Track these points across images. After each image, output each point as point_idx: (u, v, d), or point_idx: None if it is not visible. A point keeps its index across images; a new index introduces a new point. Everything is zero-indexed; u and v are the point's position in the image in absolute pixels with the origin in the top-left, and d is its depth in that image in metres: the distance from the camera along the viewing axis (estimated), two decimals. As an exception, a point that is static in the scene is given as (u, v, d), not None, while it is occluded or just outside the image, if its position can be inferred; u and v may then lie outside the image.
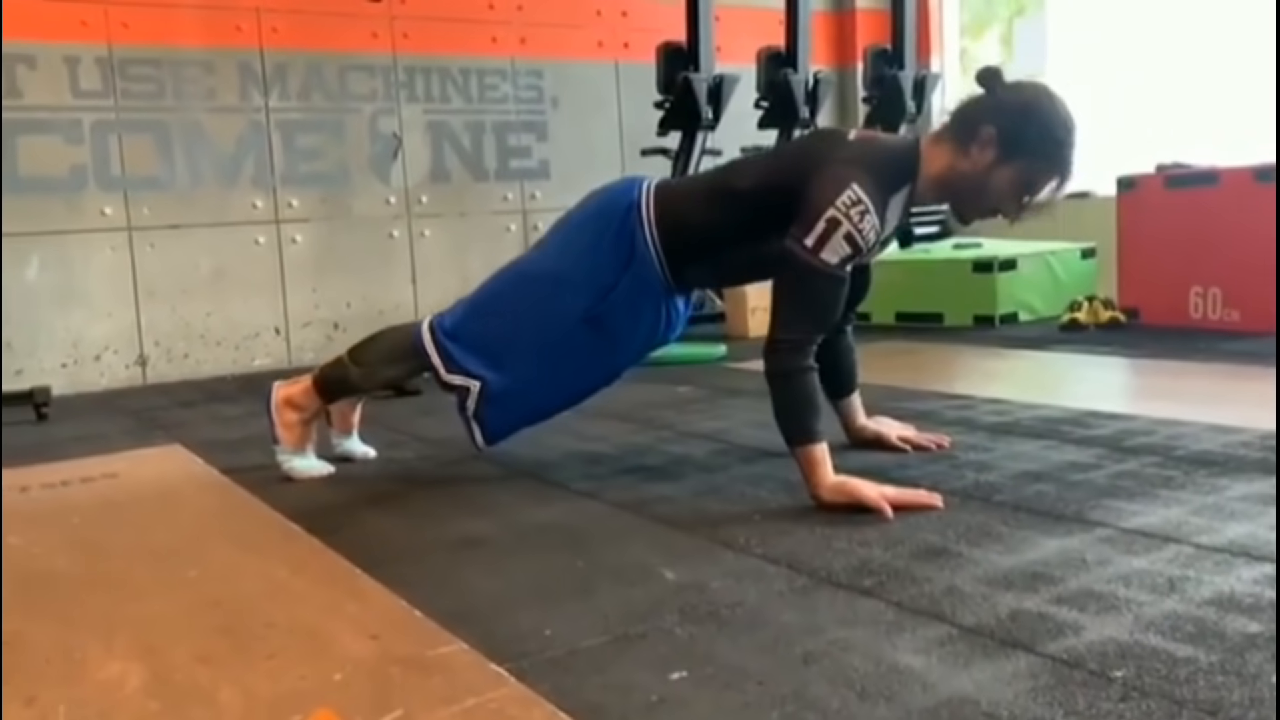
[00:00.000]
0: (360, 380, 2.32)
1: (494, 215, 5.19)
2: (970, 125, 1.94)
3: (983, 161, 1.92)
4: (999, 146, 1.91)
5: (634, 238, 2.08)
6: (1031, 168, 1.92)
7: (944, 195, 2.02)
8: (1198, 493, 1.83)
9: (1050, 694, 1.10)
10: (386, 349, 2.30)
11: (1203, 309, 4.07)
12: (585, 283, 2.10)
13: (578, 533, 1.81)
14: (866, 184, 1.87)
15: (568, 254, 2.16)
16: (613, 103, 5.45)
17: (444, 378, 2.18)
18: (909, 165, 1.97)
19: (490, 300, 2.23)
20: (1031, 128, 1.90)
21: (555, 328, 2.12)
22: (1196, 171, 4.13)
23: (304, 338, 4.75)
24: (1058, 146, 1.91)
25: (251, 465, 2.45)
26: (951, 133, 1.98)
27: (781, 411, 1.90)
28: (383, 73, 4.85)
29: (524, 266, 2.25)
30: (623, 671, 1.22)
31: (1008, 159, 1.91)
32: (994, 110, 1.93)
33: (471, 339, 2.17)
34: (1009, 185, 1.93)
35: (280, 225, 4.67)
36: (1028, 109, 1.92)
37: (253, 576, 1.67)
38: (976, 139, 1.92)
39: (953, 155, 1.96)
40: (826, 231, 1.85)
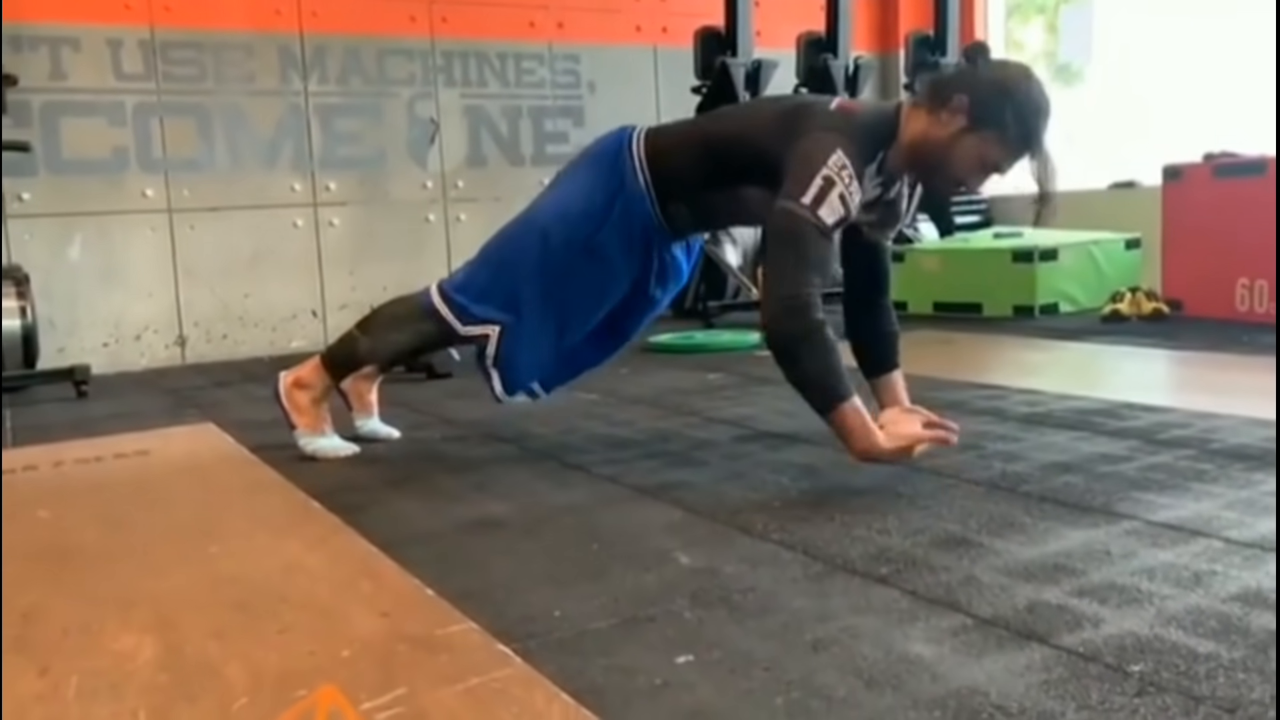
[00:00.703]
0: (368, 350, 2.34)
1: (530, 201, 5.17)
2: (944, 92, 1.94)
3: (951, 128, 1.91)
4: (969, 115, 1.90)
5: (624, 173, 2.12)
6: (998, 139, 1.90)
7: (913, 164, 2.01)
8: (1231, 486, 1.78)
9: (1063, 687, 1.07)
10: (392, 315, 2.33)
11: (1249, 301, 3.98)
12: (582, 214, 2.14)
13: (595, 516, 1.80)
14: (849, 149, 1.88)
15: (565, 193, 2.22)
16: (650, 88, 5.43)
17: (461, 331, 2.20)
18: (885, 133, 1.97)
19: (495, 250, 2.26)
20: (1003, 100, 1.89)
21: (559, 261, 2.15)
22: (1244, 161, 4.03)
23: (340, 320, 4.77)
24: (1025, 122, 1.89)
25: (280, 444, 2.47)
26: (925, 99, 1.97)
27: (810, 376, 1.85)
28: (421, 57, 4.87)
29: (524, 215, 2.29)
30: (629, 654, 1.21)
31: (975, 128, 1.90)
32: (970, 80, 1.94)
33: (481, 288, 2.20)
34: (974, 155, 1.92)
35: (318, 208, 4.70)
36: (1003, 83, 1.92)
37: (271, 553, 1.68)
38: (948, 105, 1.91)
39: (926, 122, 1.95)
40: (823, 190, 1.84)
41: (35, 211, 4.14)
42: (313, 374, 2.36)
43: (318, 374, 2.36)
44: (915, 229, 5.56)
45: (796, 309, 1.84)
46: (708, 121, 2.29)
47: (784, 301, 1.85)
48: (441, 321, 2.21)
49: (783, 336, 1.86)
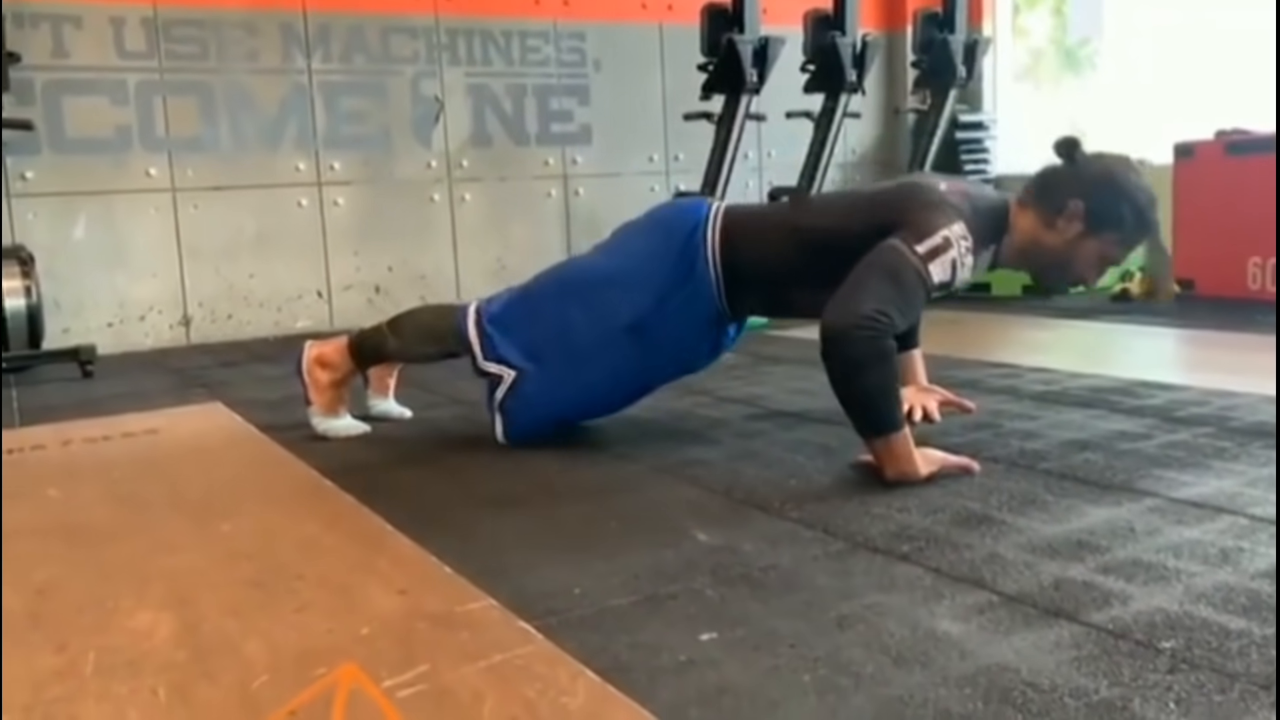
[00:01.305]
0: (395, 352, 2.32)
1: (535, 180, 5.16)
2: (1057, 197, 1.91)
3: (1069, 233, 1.91)
4: (1086, 220, 1.89)
5: (695, 257, 2.03)
6: (1118, 240, 1.91)
7: (1028, 263, 2.01)
8: (1253, 464, 1.77)
9: (1094, 664, 1.06)
10: (427, 327, 2.28)
11: (1261, 280, 3.95)
12: (638, 290, 2.05)
13: (612, 494, 1.79)
14: (969, 230, 1.85)
15: (626, 259, 2.11)
16: (656, 66, 5.38)
17: (480, 364, 2.15)
18: (1000, 226, 1.95)
19: (540, 294, 2.19)
20: (1118, 202, 1.88)
21: (599, 330, 2.07)
22: (1257, 138, 3.99)
23: (345, 301, 4.77)
24: (1143, 219, 1.90)
25: (290, 424, 2.46)
26: (1036, 201, 1.95)
27: (870, 400, 1.74)
28: (425, 34, 4.83)
29: (579, 265, 2.21)
30: (652, 631, 1.20)
31: (1095, 232, 1.90)
32: (1080, 183, 1.90)
33: (515, 329, 2.14)
34: (1095, 257, 1.93)
35: (323, 188, 4.67)
36: (1113, 183, 1.90)
37: (285, 532, 1.67)
38: (1064, 212, 1.90)
39: (1038, 225, 1.93)
40: (939, 248, 1.80)
41: (39, 191, 4.11)
42: (338, 356, 2.33)
43: (343, 357, 2.32)
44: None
45: (876, 331, 1.71)
46: (804, 213, 2.11)
47: (864, 318, 1.71)
48: (467, 345, 2.17)
49: (859, 351, 1.72)
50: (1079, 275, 1.98)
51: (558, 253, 5.22)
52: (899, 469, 1.74)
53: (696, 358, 2.17)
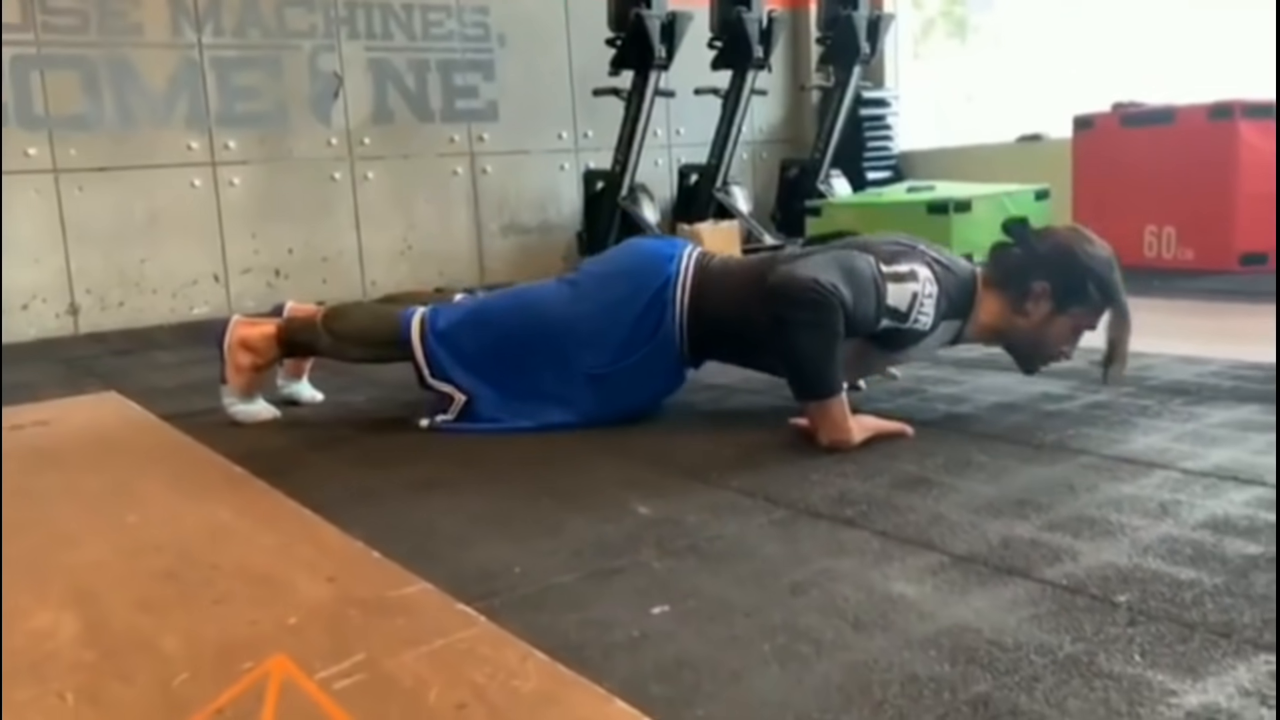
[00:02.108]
0: (327, 350, 2.17)
1: (440, 158, 5.03)
2: (1020, 281, 1.89)
3: (1039, 316, 1.90)
4: (1053, 300, 1.88)
5: (663, 313, 1.96)
6: (1087, 313, 1.90)
7: (1000, 343, 1.99)
8: (1176, 420, 1.80)
9: (1054, 620, 1.05)
10: (366, 327, 2.15)
11: (1157, 248, 4.07)
12: (601, 342, 1.97)
13: (542, 470, 1.73)
14: (938, 288, 1.83)
15: (591, 303, 2.00)
16: (562, 41, 5.29)
17: (428, 380, 2.05)
18: (968, 301, 1.92)
19: (497, 318, 2.08)
20: (1081, 276, 1.87)
21: (558, 373, 2.00)
22: (1152, 110, 4.11)
23: (244, 285, 4.58)
24: (1107, 287, 1.88)
25: (192, 411, 2.33)
26: (1000, 286, 1.92)
27: (809, 361, 1.73)
28: (322, 8, 4.65)
29: (543, 298, 2.08)
30: (600, 607, 1.15)
31: (1063, 310, 1.89)
32: (1040, 266, 1.89)
33: (465, 349, 2.04)
34: (1069, 331, 1.92)
35: (217, 167, 4.47)
36: (1072, 258, 1.89)
37: (196, 520, 1.57)
38: (1030, 295, 1.88)
39: (1006, 309, 1.92)
40: (903, 275, 1.78)
41: (-95, 173, 3.85)
42: (264, 343, 2.18)
43: (269, 344, 2.18)
44: (829, 184, 5.57)
45: (822, 296, 1.70)
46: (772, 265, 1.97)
47: (814, 282, 1.71)
48: (413, 358, 2.05)
49: (799, 312, 1.71)
50: (1057, 352, 1.96)
51: (466, 232, 5.11)
52: (833, 434, 1.72)
53: (654, 400, 2.08)
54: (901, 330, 1.83)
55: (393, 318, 2.10)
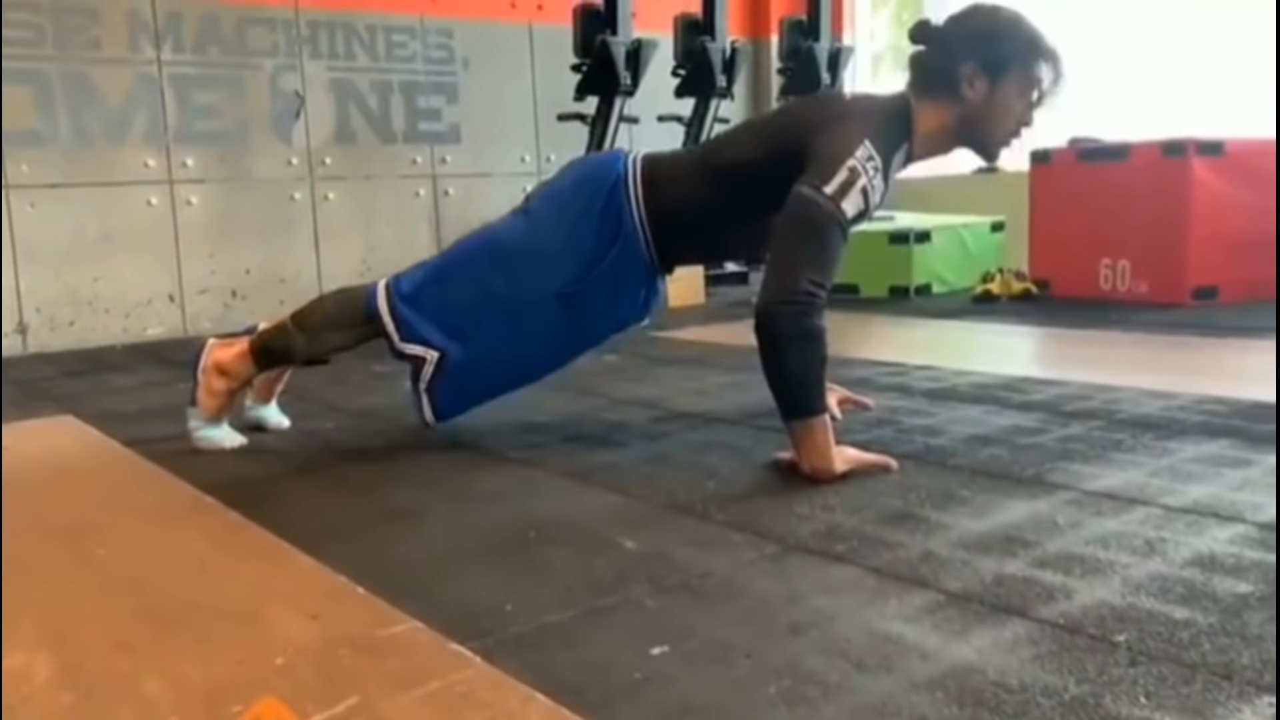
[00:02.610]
0: (305, 348, 2.12)
1: (402, 179, 4.99)
2: (947, 72, 1.89)
3: (979, 96, 1.88)
4: (986, 74, 1.87)
5: (620, 214, 1.95)
6: (1023, 72, 1.88)
7: (956, 143, 1.97)
8: (1150, 455, 1.82)
9: (1056, 661, 1.05)
10: (334, 313, 2.12)
11: (1112, 281, 4.14)
12: (566, 257, 1.97)
13: (524, 503, 1.71)
14: (876, 141, 1.81)
15: (548, 225, 2.01)
16: (526, 66, 5.29)
17: (398, 346, 2.02)
18: (905, 125, 1.91)
19: (458, 267, 2.07)
20: (1000, 39, 1.87)
21: (528, 302, 1.98)
22: (1108, 146, 4.19)
23: (200, 305, 4.50)
24: (1028, 36, 1.88)
25: (156, 437, 2.28)
26: (928, 86, 1.92)
27: (793, 379, 1.71)
28: (284, 27, 4.61)
29: (498, 234, 2.08)
30: (598, 647, 1.13)
31: (1001, 78, 1.87)
32: (959, 48, 1.89)
33: (432, 306, 2.02)
34: (1014, 101, 1.90)
35: (174, 186, 4.40)
36: (987, 27, 1.89)
37: (169, 554, 1.52)
38: (962, 79, 1.88)
39: (946, 108, 1.90)
40: (847, 181, 1.75)
41: None
42: (238, 363, 2.13)
43: (243, 364, 2.13)
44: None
45: (807, 307, 1.70)
46: (717, 149, 2.06)
47: (795, 295, 1.70)
48: (380, 328, 2.03)
49: (785, 328, 1.70)
50: (1013, 127, 1.93)
51: (427, 254, 5.01)
52: (815, 460, 1.72)
53: (630, 314, 2.09)
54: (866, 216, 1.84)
55: (358, 294, 2.09)
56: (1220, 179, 3.84)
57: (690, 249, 2.06)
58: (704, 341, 3.55)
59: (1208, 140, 3.84)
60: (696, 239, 2.04)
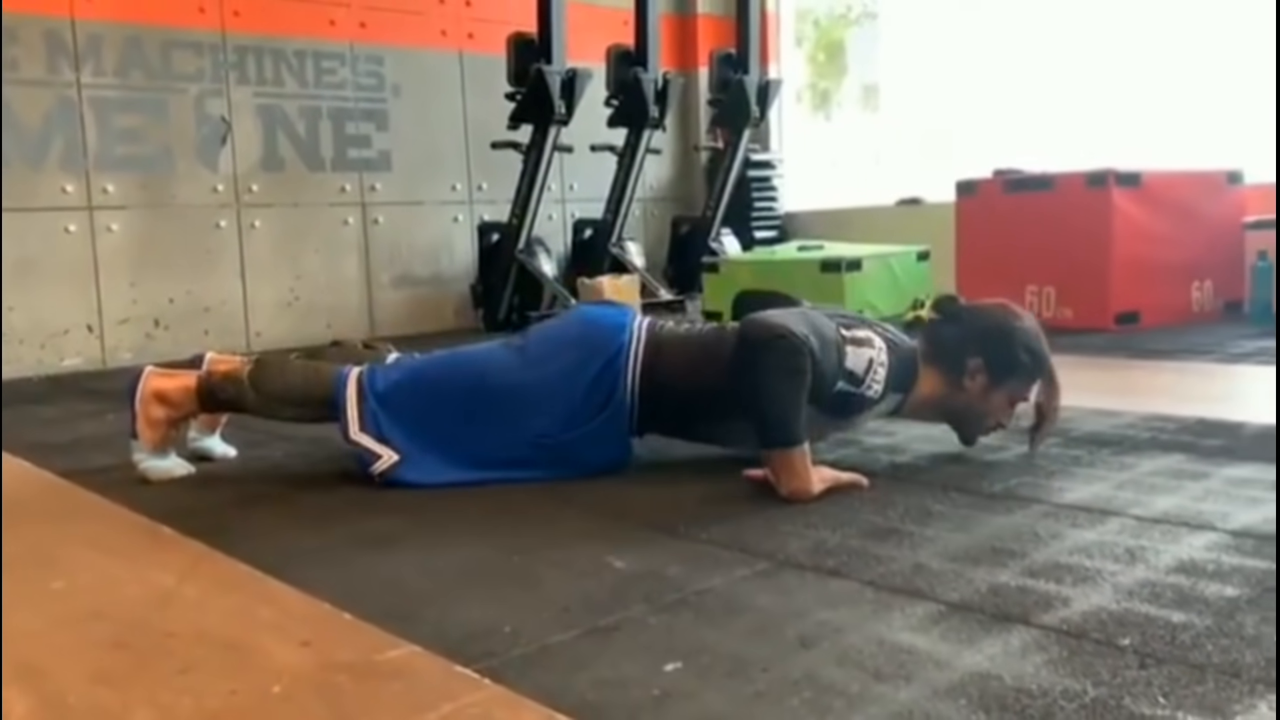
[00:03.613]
0: (254, 408, 2.05)
1: (330, 207, 4.91)
2: (956, 357, 1.97)
3: (976, 389, 1.97)
4: (989, 374, 1.95)
5: (615, 383, 1.94)
6: (1021, 384, 1.98)
7: (940, 418, 2.06)
8: (1110, 470, 1.87)
9: (1069, 665, 1.06)
10: (297, 386, 2.03)
11: (1038, 306, 4.26)
12: (551, 410, 1.94)
13: (500, 525, 1.67)
14: (889, 360, 1.88)
15: (543, 373, 1.97)
16: (457, 94, 5.26)
17: (352, 434, 1.94)
18: (910, 377, 1.96)
19: (438, 382, 2.02)
20: (1014, 349, 1.96)
21: (505, 441, 1.94)
22: (1032, 176, 4.33)
23: (120, 336, 4.35)
24: (1039, 359, 1.97)
25: (94, 468, 2.18)
26: (936, 361, 1.99)
27: (777, 409, 1.73)
28: (211, 51, 4.51)
29: (489, 362, 2.03)
30: (609, 666, 1.10)
31: (999, 383, 1.96)
32: (974, 341, 1.97)
33: (405, 411, 1.96)
34: (1005, 402, 1.99)
35: (94, 212, 4.25)
36: (1004, 333, 1.97)
37: (132, 584, 1.45)
38: (966, 370, 1.95)
39: (944, 384, 1.98)
40: (863, 341, 1.85)
41: None
42: (181, 396, 2.05)
43: (187, 397, 2.04)
44: (720, 242, 5.66)
45: (795, 345, 1.73)
46: (722, 342, 1.95)
47: (787, 331, 1.74)
48: (340, 413, 1.96)
49: (772, 358, 1.73)
50: (995, 423, 2.02)
51: (356, 283, 4.98)
52: (793, 484, 1.72)
53: (598, 468, 2.00)
54: (853, 396, 1.86)
55: (327, 377, 2.01)
56: (1138, 209, 3.99)
57: (673, 427, 2.06)
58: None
59: (1126, 172, 3.99)
60: (681, 419, 2.04)
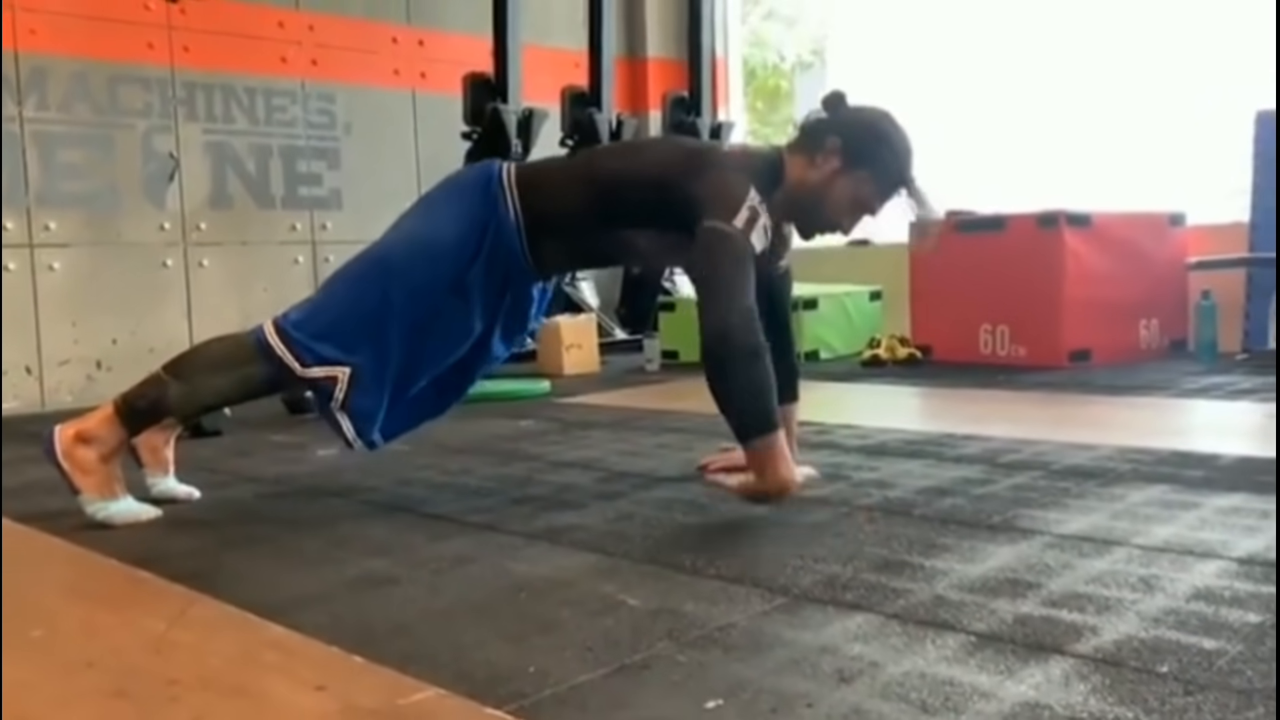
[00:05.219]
0: (181, 399, 1.98)
1: (280, 246, 4.82)
2: (817, 137, 1.97)
3: (826, 170, 1.95)
4: (842, 156, 1.94)
5: (496, 204, 1.99)
6: (871, 179, 1.96)
7: (790, 208, 2.01)
8: (1101, 501, 1.88)
9: (1115, 693, 1.05)
10: (217, 354, 2.00)
11: (992, 345, 4.34)
12: (452, 247, 1.97)
13: (500, 564, 1.62)
14: (758, 190, 1.86)
15: (429, 225, 2.02)
16: (409, 133, 5.22)
17: (300, 373, 1.94)
18: (776, 176, 1.96)
19: (345, 285, 2.03)
20: (874, 141, 1.95)
21: (425, 300, 1.97)
22: (985, 217, 4.42)
23: (60, 377, 4.20)
24: (896, 159, 1.96)
25: (52, 512, 2.07)
26: (800, 146, 1.99)
27: (751, 395, 1.73)
28: (159, 86, 4.42)
29: (378, 248, 2.06)
30: (648, 705, 1.07)
31: (850, 169, 1.95)
32: (839, 124, 1.97)
33: (325, 325, 1.96)
34: (848, 195, 1.97)
35: (34, 250, 4.12)
36: (871, 125, 1.98)
37: (119, 630, 1.38)
38: (822, 149, 1.95)
39: (802, 167, 1.97)
40: (750, 219, 1.82)
41: None
42: (102, 426, 1.96)
43: (109, 426, 1.97)
44: (673, 281, 5.67)
45: (749, 325, 1.74)
46: (594, 159, 2.18)
47: (737, 314, 1.74)
48: (276, 362, 1.93)
49: (735, 348, 1.74)
50: (833, 217, 1.99)
51: (306, 324, 4.88)
52: (778, 474, 1.72)
53: (523, 308, 2.13)
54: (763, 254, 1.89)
55: (242, 335, 2.01)
56: (1089, 249, 4.09)
57: (559, 248, 2.07)
58: (613, 405, 3.52)
59: (1076, 213, 4.09)
60: (567, 238, 2.06)
